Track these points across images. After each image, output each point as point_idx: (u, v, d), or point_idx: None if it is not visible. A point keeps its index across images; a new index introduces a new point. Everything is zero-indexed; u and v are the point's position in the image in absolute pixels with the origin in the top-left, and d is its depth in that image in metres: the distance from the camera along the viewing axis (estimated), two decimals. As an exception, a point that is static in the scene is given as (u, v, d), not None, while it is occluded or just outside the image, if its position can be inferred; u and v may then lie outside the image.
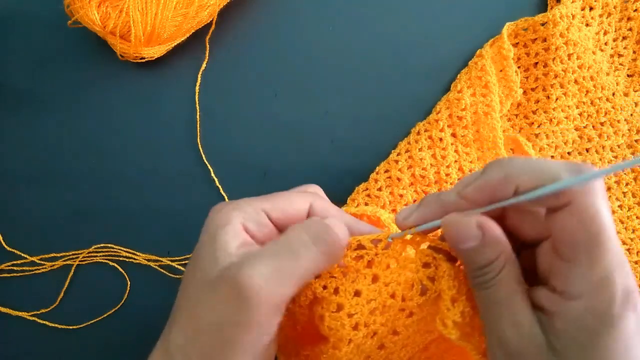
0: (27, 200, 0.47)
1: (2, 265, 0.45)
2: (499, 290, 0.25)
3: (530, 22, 0.46)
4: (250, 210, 0.28)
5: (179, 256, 0.45)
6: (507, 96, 0.45)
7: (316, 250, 0.26)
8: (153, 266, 0.45)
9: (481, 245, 0.25)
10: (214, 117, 0.47)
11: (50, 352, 0.44)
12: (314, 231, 0.27)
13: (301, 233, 0.27)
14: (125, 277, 0.45)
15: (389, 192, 0.44)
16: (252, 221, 0.28)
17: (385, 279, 0.28)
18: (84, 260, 0.45)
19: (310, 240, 0.26)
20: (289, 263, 0.26)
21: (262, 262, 0.25)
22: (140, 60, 0.46)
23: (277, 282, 0.25)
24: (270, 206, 0.29)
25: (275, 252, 0.26)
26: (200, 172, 0.47)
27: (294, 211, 0.30)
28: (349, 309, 0.28)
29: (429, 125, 0.45)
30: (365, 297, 0.28)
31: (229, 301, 0.25)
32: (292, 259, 0.26)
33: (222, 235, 0.27)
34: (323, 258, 0.27)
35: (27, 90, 0.48)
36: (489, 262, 0.25)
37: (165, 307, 0.44)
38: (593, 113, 0.46)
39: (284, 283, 0.26)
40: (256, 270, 0.25)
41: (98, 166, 0.47)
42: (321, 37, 0.49)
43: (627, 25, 0.48)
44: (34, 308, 0.45)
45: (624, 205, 0.45)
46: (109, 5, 0.43)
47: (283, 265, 0.26)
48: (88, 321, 0.44)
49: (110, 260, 0.45)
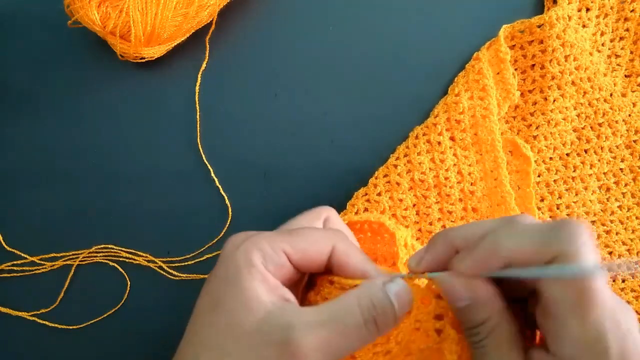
0: (27, 200, 0.47)
1: (2, 265, 0.45)
2: (490, 351, 0.25)
3: (526, 24, 0.46)
4: (269, 251, 0.27)
5: (179, 256, 0.45)
6: (504, 99, 0.45)
7: (367, 333, 0.26)
8: (153, 267, 0.45)
9: (472, 306, 0.25)
10: (214, 117, 0.48)
11: (50, 352, 0.44)
12: (370, 312, 0.26)
13: (355, 309, 0.26)
14: (125, 278, 0.45)
15: (388, 197, 0.44)
16: (271, 263, 0.27)
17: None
18: (84, 260, 0.45)
19: (363, 322, 0.26)
20: (339, 340, 0.25)
21: (313, 332, 0.25)
22: (140, 60, 0.46)
23: (323, 355, 0.25)
24: (291, 247, 0.28)
25: (325, 322, 0.25)
26: (200, 172, 0.47)
27: (314, 254, 0.28)
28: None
29: (427, 129, 0.45)
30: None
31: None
32: (343, 337, 0.25)
33: (248, 279, 0.26)
34: (373, 336, 0.26)
35: (27, 90, 0.48)
36: (480, 322, 0.25)
37: (164, 308, 0.45)
38: (591, 114, 0.46)
39: (328, 357, 0.25)
40: (308, 340, 0.24)
41: (98, 166, 0.47)
42: (321, 37, 0.49)
43: (624, 25, 0.48)
44: (34, 308, 0.45)
45: (624, 205, 0.46)
46: (109, 5, 0.43)
47: (332, 341, 0.25)
48: (88, 321, 0.44)
49: (110, 260, 0.45)
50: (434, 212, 0.44)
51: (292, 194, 0.46)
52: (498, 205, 0.44)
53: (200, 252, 0.45)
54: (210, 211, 0.46)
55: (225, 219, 0.46)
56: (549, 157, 0.46)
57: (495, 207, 0.44)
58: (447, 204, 0.44)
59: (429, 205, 0.44)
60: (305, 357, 0.24)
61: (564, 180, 0.46)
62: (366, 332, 0.26)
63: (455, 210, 0.44)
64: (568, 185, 0.46)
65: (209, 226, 0.46)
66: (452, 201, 0.44)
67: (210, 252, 0.45)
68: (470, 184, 0.45)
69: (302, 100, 0.48)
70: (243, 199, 0.46)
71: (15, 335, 0.44)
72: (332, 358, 0.25)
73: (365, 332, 0.26)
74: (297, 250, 0.28)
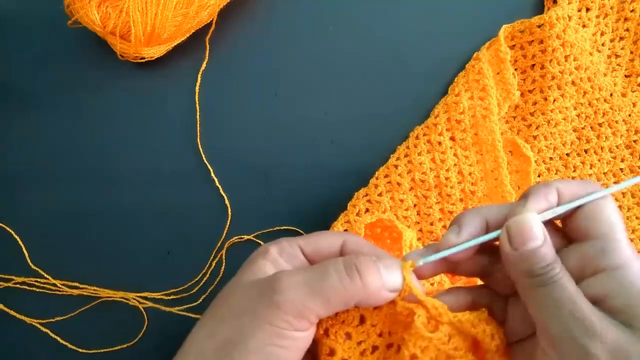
0: (27, 200, 0.47)
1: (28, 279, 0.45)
2: (565, 283, 0.26)
3: (526, 24, 0.46)
4: (285, 244, 0.30)
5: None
6: (504, 99, 0.45)
7: (346, 277, 0.27)
8: (175, 312, 0.45)
9: (544, 245, 0.26)
10: (214, 117, 0.48)
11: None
12: (349, 261, 0.28)
13: (337, 260, 0.28)
14: (144, 316, 0.45)
15: (389, 197, 0.44)
16: (286, 253, 0.30)
17: (372, 320, 0.29)
18: (105, 297, 0.45)
19: (344, 267, 0.27)
20: (318, 281, 0.27)
21: (294, 274, 0.27)
22: (140, 60, 0.46)
23: (303, 291, 0.26)
24: (304, 241, 0.31)
25: (309, 270, 0.28)
26: (200, 172, 0.47)
27: (326, 245, 0.31)
28: (341, 354, 0.28)
29: (427, 129, 0.45)
30: (355, 339, 0.28)
31: (255, 296, 0.27)
32: (321, 277, 0.27)
33: (261, 262, 0.29)
34: (353, 288, 0.27)
35: (27, 90, 0.48)
36: (554, 258, 0.26)
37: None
38: (591, 114, 0.46)
39: (310, 296, 0.26)
40: (287, 276, 0.27)
41: (98, 166, 0.47)
42: (321, 37, 0.49)
43: (624, 25, 0.48)
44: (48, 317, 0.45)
45: (624, 205, 0.46)
46: (109, 5, 0.43)
47: (312, 280, 0.27)
48: (98, 349, 0.44)
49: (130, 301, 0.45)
50: (434, 212, 0.44)
51: (292, 194, 0.46)
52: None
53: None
54: (210, 211, 0.46)
55: (225, 219, 0.46)
56: (549, 157, 0.46)
57: (495, 207, 0.44)
58: (448, 204, 0.44)
59: (430, 205, 0.44)
60: (286, 290, 0.26)
61: (564, 180, 0.46)
62: (345, 277, 0.27)
63: (456, 210, 0.44)
64: (568, 185, 0.46)
65: (209, 226, 0.46)
66: (453, 201, 0.44)
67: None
68: (471, 184, 0.45)
69: (302, 100, 0.48)
70: (243, 199, 0.46)
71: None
72: (315, 299, 0.26)
73: (344, 277, 0.27)
74: (309, 243, 0.30)
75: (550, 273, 0.26)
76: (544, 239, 0.26)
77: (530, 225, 0.27)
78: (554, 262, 0.26)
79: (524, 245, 0.27)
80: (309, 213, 0.46)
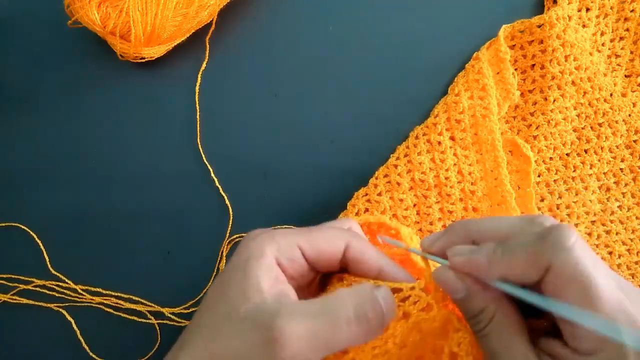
0: (26, 200, 0.47)
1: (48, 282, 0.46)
2: (492, 339, 0.25)
3: (526, 24, 0.46)
4: (284, 244, 0.28)
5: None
6: (504, 98, 0.45)
7: (357, 330, 0.26)
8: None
9: (469, 296, 0.26)
10: (214, 117, 0.48)
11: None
12: (361, 308, 0.26)
13: (347, 305, 0.26)
14: (157, 333, 0.45)
15: (389, 197, 0.44)
16: (285, 256, 0.28)
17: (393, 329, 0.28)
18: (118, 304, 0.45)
19: (354, 317, 0.25)
20: (327, 333, 0.25)
21: (300, 322, 0.25)
22: (140, 60, 0.46)
23: (309, 347, 0.25)
24: (306, 242, 0.29)
25: (315, 315, 0.25)
26: (200, 172, 0.47)
27: (329, 250, 0.29)
28: (353, 355, 0.28)
29: (427, 129, 0.45)
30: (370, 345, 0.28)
31: (255, 347, 0.25)
32: (330, 330, 0.25)
33: (254, 268, 0.27)
34: (362, 336, 0.26)
35: (27, 90, 0.48)
36: (478, 311, 0.26)
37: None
38: (591, 114, 0.46)
39: (315, 350, 0.25)
40: (292, 327, 0.24)
41: (98, 166, 0.47)
42: (321, 37, 0.49)
43: (624, 25, 0.48)
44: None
45: (624, 205, 0.46)
46: (109, 5, 0.43)
47: (320, 334, 0.25)
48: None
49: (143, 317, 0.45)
50: (434, 212, 0.44)
51: (292, 194, 0.46)
52: (498, 204, 0.44)
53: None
54: (211, 211, 0.46)
55: (225, 219, 0.46)
56: (549, 157, 0.46)
57: (495, 206, 0.44)
58: (447, 203, 0.44)
59: (430, 205, 0.44)
60: (289, 344, 0.24)
61: (564, 180, 0.46)
62: (356, 330, 0.26)
63: (455, 209, 0.44)
64: (568, 185, 0.46)
65: (208, 226, 0.46)
66: (452, 201, 0.44)
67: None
68: (471, 184, 0.45)
69: (302, 100, 0.48)
70: (243, 199, 0.46)
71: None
72: (317, 351, 0.25)
73: (355, 330, 0.26)
74: (311, 245, 0.28)
75: (476, 327, 0.26)
76: (465, 292, 0.26)
77: (446, 281, 0.26)
78: (480, 314, 0.25)
79: (450, 296, 0.26)
80: (309, 213, 0.46)
